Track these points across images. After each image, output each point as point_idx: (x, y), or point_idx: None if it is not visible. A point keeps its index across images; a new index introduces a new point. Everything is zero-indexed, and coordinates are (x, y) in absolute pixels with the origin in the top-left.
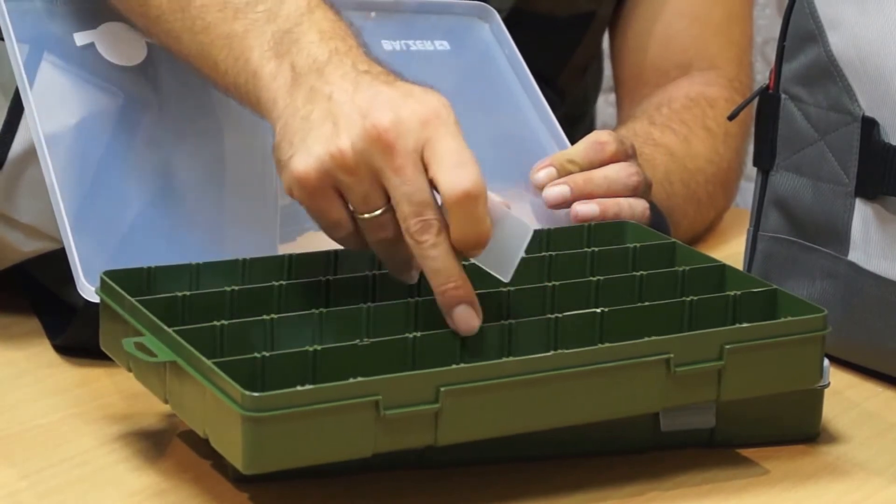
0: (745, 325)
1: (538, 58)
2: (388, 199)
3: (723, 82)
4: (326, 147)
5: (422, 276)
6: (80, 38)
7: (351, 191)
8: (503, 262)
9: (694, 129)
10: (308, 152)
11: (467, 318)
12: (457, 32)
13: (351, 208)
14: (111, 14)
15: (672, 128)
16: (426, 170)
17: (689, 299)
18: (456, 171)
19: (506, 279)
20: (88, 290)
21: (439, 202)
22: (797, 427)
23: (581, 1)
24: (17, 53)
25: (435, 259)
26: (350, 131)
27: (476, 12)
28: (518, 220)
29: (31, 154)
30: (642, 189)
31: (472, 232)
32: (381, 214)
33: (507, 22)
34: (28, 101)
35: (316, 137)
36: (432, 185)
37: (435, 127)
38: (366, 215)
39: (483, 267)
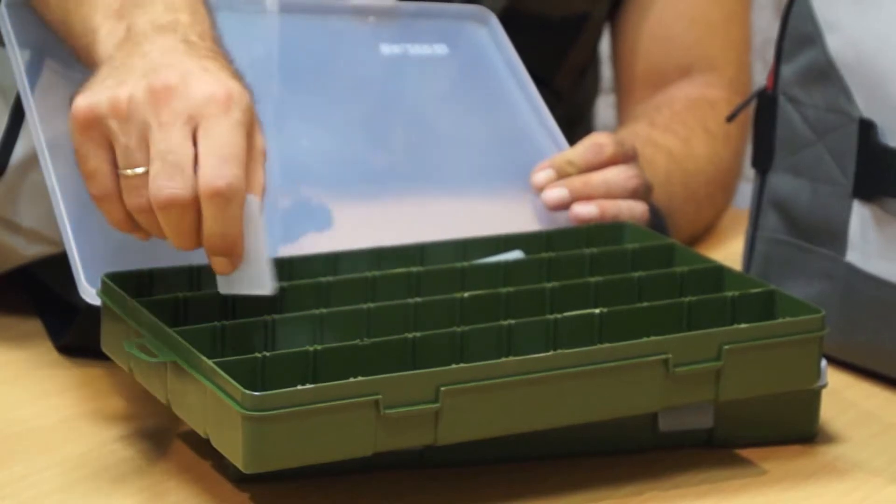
0: (743, 325)
1: (532, 58)
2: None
3: (723, 84)
4: (108, 92)
5: None
6: None
7: (117, 142)
8: (256, 275)
9: (695, 130)
10: (91, 93)
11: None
12: (455, 36)
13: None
14: None
15: (673, 129)
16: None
17: (687, 300)
18: (217, 164)
19: (268, 291)
20: (90, 293)
21: None
22: (795, 427)
23: (575, 2)
24: (18, 59)
25: (167, 227)
26: (135, 83)
27: (473, 16)
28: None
29: (32, 159)
30: (642, 192)
31: (221, 233)
32: (138, 175)
33: (500, 22)
34: (29, 106)
35: (105, 83)
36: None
37: (219, 108)
38: (127, 171)
39: (240, 294)
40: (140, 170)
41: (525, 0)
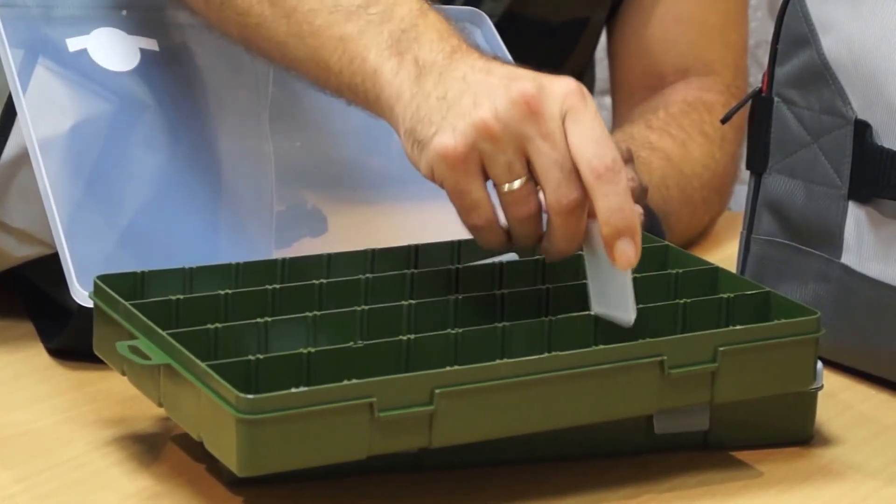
0: (738, 327)
1: (531, 63)
2: (528, 170)
3: (720, 87)
4: (469, 119)
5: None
6: (73, 44)
7: (494, 160)
8: (623, 298)
9: (691, 133)
10: (452, 128)
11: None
12: None
13: (493, 184)
14: (104, 20)
15: (669, 132)
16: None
17: (682, 302)
18: (596, 145)
19: (631, 317)
20: (82, 295)
21: None
22: (791, 429)
23: (575, 7)
24: (10, 59)
25: (564, 230)
26: (492, 101)
27: (468, 17)
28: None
29: (23, 159)
30: (637, 194)
31: (619, 207)
32: (522, 186)
33: (499, 27)
34: (21, 106)
35: (457, 113)
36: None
37: (577, 98)
38: (508, 186)
39: (606, 315)
40: (520, 181)
41: (525, 5)
